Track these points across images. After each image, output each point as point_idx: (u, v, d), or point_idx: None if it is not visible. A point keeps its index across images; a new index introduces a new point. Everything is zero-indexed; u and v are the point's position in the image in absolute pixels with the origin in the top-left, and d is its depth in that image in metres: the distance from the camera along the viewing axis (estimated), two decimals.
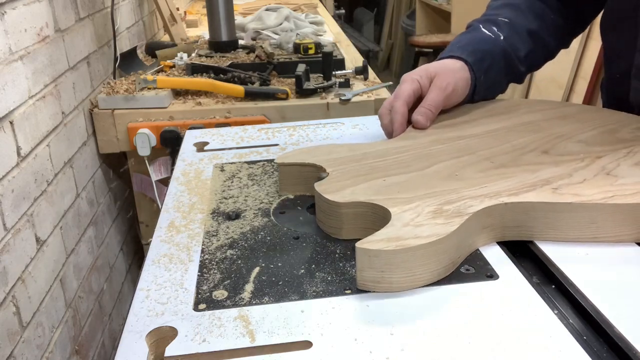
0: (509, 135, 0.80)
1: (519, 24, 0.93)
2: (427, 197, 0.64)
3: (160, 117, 1.54)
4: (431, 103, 0.83)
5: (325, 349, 0.50)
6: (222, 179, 0.84)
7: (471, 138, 0.80)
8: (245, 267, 0.62)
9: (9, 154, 1.09)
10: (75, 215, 1.39)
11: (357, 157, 0.75)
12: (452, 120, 0.87)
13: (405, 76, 0.86)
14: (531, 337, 0.50)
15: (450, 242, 0.57)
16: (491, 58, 0.89)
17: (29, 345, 1.10)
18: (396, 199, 0.64)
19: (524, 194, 0.64)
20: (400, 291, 0.56)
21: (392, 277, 0.56)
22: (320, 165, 0.74)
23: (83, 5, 1.52)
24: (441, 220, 0.59)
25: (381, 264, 0.55)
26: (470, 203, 0.62)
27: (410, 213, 0.61)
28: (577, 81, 2.81)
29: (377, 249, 0.55)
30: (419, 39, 3.99)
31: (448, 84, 0.84)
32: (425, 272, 0.57)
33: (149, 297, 0.58)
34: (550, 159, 0.73)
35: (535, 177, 0.68)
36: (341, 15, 5.27)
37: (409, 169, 0.71)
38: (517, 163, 0.72)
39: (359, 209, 0.65)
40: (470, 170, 0.70)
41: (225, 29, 1.90)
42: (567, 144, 0.77)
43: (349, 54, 2.03)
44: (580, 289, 0.55)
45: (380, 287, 0.56)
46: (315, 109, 1.55)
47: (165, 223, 0.73)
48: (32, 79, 1.20)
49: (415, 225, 0.58)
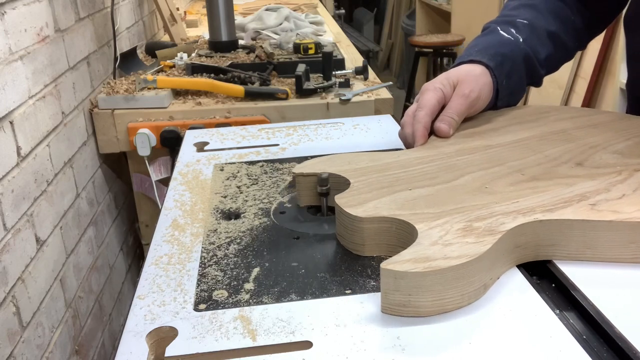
0: (540, 145, 0.76)
1: (539, 25, 0.89)
2: (456, 213, 0.60)
3: (160, 117, 1.54)
4: (454, 111, 0.80)
5: (325, 349, 0.50)
6: (222, 179, 0.84)
7: (499, 147, 0.76)
8: (245, 267, 0.62)
9: (9, 154, 1.09)
10: (75, 215, 1.39)
11: (379, 168, 0.71)
12: (476, 128, 0.82)
13: (427, 85, 0.82)
14: (531, 337, 0.50)
15: (481, 264, 0.54)
16: (512, 62, 0.85)
17: (29, 345, 1.10)
18: (422, 214, 0.60)
19: (560, 210, 0.60)
20: (428, 316, 0.53)
21: (419, 301, 0.52)
22: (340, 175, 0.71)
23: (83, 5, 1.52)
24: (472, 239, 0.55)
25: (408, 287, 0.52)
26: (502, 220, 0.58)
27: (438, 230, 0.57)
28: (577, 81, 2.81)
29: (404, 270, 0.51)
30: (419, 39, 3.99)
31: (472, 90, 0.81)
32: (455, 296, 0.53)
33: (149, 297, 0.58)
34: (585, 171, 0.69)
35: (571, 191, 0.64)
36: (341, 15, 5.27)
37: (434, 181, 0.67)
38: (551, 176, 0.68)
39: (382, 224, 0.61)
40: (501, 183, 0.66)
41: (225, 29, 1.90)
42: (602, 155, 0.73)
43: (349, 54, 2.03)
44: (580, 289, 0.55)
45: (407, 311, 0.53)
46: (315, 109, 1.55)
47: (165, 223, 0.73)
48: (32, 79, 1.20)
49: (443, 244, 0.55)
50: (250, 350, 0.50)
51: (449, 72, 0.84)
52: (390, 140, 0.97)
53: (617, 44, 2.49)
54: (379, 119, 1.10)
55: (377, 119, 1.10)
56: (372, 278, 0.59)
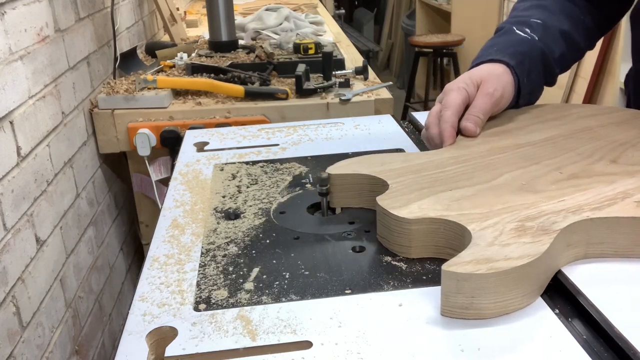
0: (569, 143, 0.77)
1: (552, 25, 0.90)
2: (504, 213, 0.60)
3: (160, 117, 1.54)
4: (480, 109, 0.80)
5: (325, 349, 0.50)
6: (222, 179, 0.84)
7: (530, 146, 0.76)
8: (245, 267, 0.62)
9: (9, 154, 1.09)
10: (75, 215, 1.39)
11: (414, 168, 0.71)
12: (501, 127, 0.83)
13: (450, 85, 0.82)
14: (531, 337, 0.50)
15: (541, 263, 0.54)
16: (530, 60, 0.86)
17: (29, 345, 1.10)
18: (470, 215, 0.60)
19: (607, 208, 0.60)
20: (491, 318, 0.52)
21: (482, 303, 0.52)
22: (376, 176, 0.70)
23: (83, 5, 1.52)
24: (528, 239, 0.55)
25: (471, 288, 0.51)
26: (553, 219, 0.58)
27: (491, 231, 0.57)
28: (577, 81, 2.81)
29: (467, 272, 0.51)
30: (419, 39, 3.99)
31: (495, 89, 0.81)
32: (517, 297, 0.53)
33: (149, 297, 0.58)
34: (622, 168, 0.69)
35: (613, 189, 0.64)
36: (341, 15, 5.28)
37: (473, 181, 0.67)
38: (589, 174, 0.68)
39: (430, 225, 0.60)
40: (542, 182, 0.66)
41: (225, 29, 1.90)
42: (633, 152, 0.74)
43: (349, 54, 2.03)
44: (580, 289, 0.55)
45: (469, 313, 0.52)
46: (315, 109, 1.55)
47: (165, 223, 0.73)
48: (32, 79, 1.20)
49: (500, 244, 0.54)
50: (250, 350, 0.50)
51: (471, 72, 0.84)
52: (391, 140, 0.97)
53: (617, 44, 2.49)
54: (379, 119, 1.10)
55: (377, 119, 1.10)
56: (372, 278, 0.59)
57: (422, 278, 0.59)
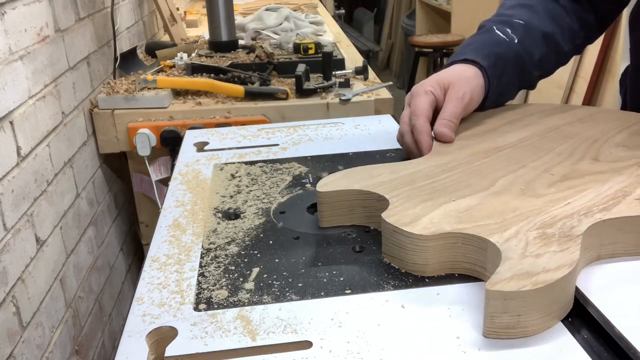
0: (545, 143, 0.77)
1: (534, 26, 0.89)
2: (520, 221, 0.58)
3: (160, 117, 1.54)
4: (452, 114, 0.79)
5: (325, 349, 0.50)
6: (222, 179, 0.84)
7: (509, 148, 0.76)
8: (245, 267, 0.62)
9: (9, 154, 1.09)
10: (75, 215, 1.39)
11: (405, 179, 0.68)
12: (472, 130, 0.82)
13: (416, 88, 0.81)
14: (531, 337, 0.50)
15: (575, 272, 0.52)
16: (504, 62, 0.85)
17: (29, 345, 1.10)
18: (486, 226, 0.57)
19: (614, 208, 0.60)
20: (535, 334, 0.50)
21: (528, 320, 0.49)
22: (371, 191, 0.66)
23: (83, 5, 1.52)
24: (555, 247, 0.54)
25: (518, 306, 0.48)
26: (569, 224, 0.57)
27: (515, 242, 0.55)
28: (577, 81, 2.81)
29: (514, 290, 0.48)
30: (419, 39, 3.99)
31: (464, 93, 0.81)
32: (558, 309, 0.51)
33: (149, 297, 0.58)
34: (607, 166, 0.69)
35: (609, 187, 0.64)
36: (341, 15, 5.28)
37: (471, 189, 0.65)
38: (579, 174, 0.68)
39: (447, 240, 0.57)
40: (539, 186, 0.66)
41: (225, 29, 1.90)
42: (608, 148, 0.74)
43: (349, 54, 2.03)
44: (580, 288, 0.55)
45: (514, 333, 0.49)
46: (315, 109, 1.55)
47: (165, 223, 0.73)
48: (32, 79, 1.20)
49: (532, 256, 0.52)
50: (250, 350, 0.50)
51: (439, 74, 0.84)
52: (391, 140, 0.97)
53: (617, 44, 2.49)
54: (379, 119, 1.10)
55: (377, 119, 1.10)
56: (372, 278, 0.59)
57: (422, 278, 0.59)
